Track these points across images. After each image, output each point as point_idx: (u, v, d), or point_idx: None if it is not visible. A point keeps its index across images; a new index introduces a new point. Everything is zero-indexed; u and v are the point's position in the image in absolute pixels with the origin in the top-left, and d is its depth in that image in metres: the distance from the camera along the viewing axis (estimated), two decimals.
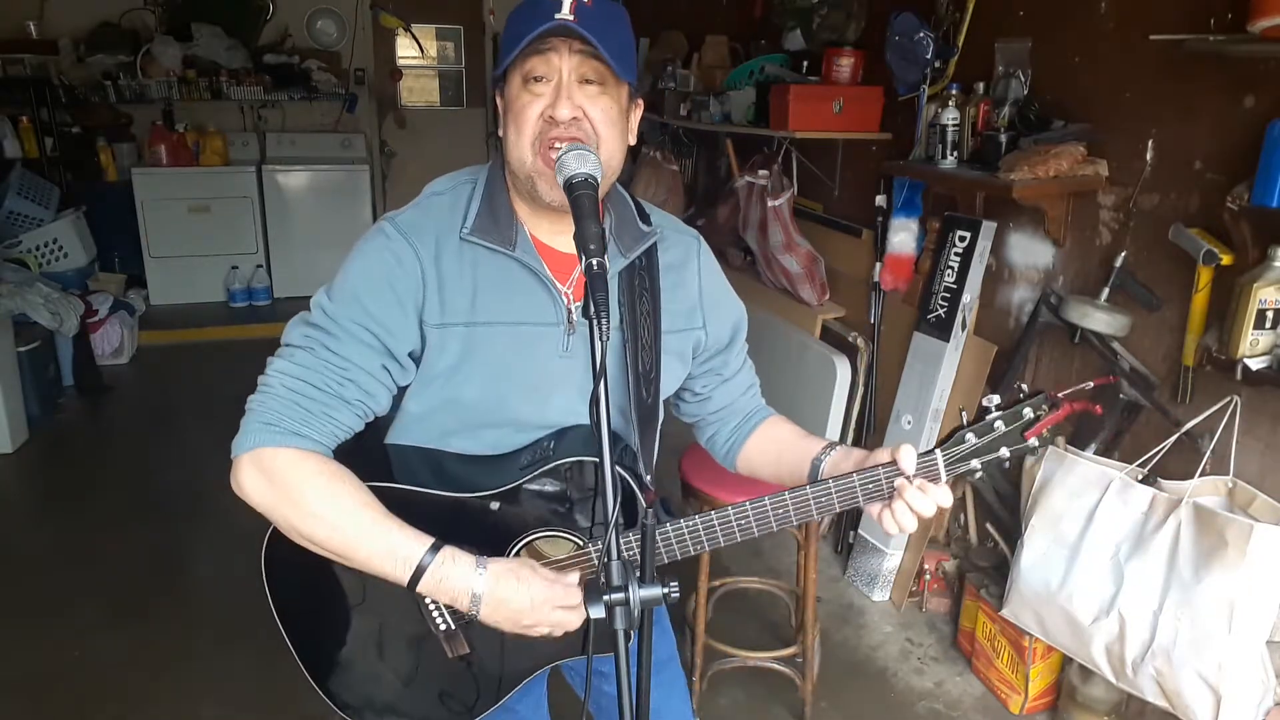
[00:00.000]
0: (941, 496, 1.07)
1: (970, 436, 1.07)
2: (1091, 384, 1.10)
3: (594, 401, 0.90)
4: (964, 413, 1.09)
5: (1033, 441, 1.07)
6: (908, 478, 1.06)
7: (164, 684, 2.41)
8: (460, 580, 1.02)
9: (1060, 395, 1.08)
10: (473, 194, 1.14)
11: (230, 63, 5.88)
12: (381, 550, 1.02)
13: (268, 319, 5.65)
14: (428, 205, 1.14)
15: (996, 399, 1.07)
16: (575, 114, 1.05)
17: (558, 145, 1.04)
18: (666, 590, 0.90)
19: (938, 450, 1.08)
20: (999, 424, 1.07)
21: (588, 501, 1.14)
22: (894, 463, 1.06)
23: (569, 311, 1.13)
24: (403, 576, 1.02)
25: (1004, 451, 1.08)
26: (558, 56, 1.05)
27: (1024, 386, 1.10)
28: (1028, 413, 1.07)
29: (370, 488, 1.07)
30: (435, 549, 1.02)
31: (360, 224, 6.05)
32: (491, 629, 1.10)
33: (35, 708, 2.33)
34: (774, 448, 1.30)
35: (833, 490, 1.08)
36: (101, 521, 3.27)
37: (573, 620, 1.06)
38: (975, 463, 1.08)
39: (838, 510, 1.09)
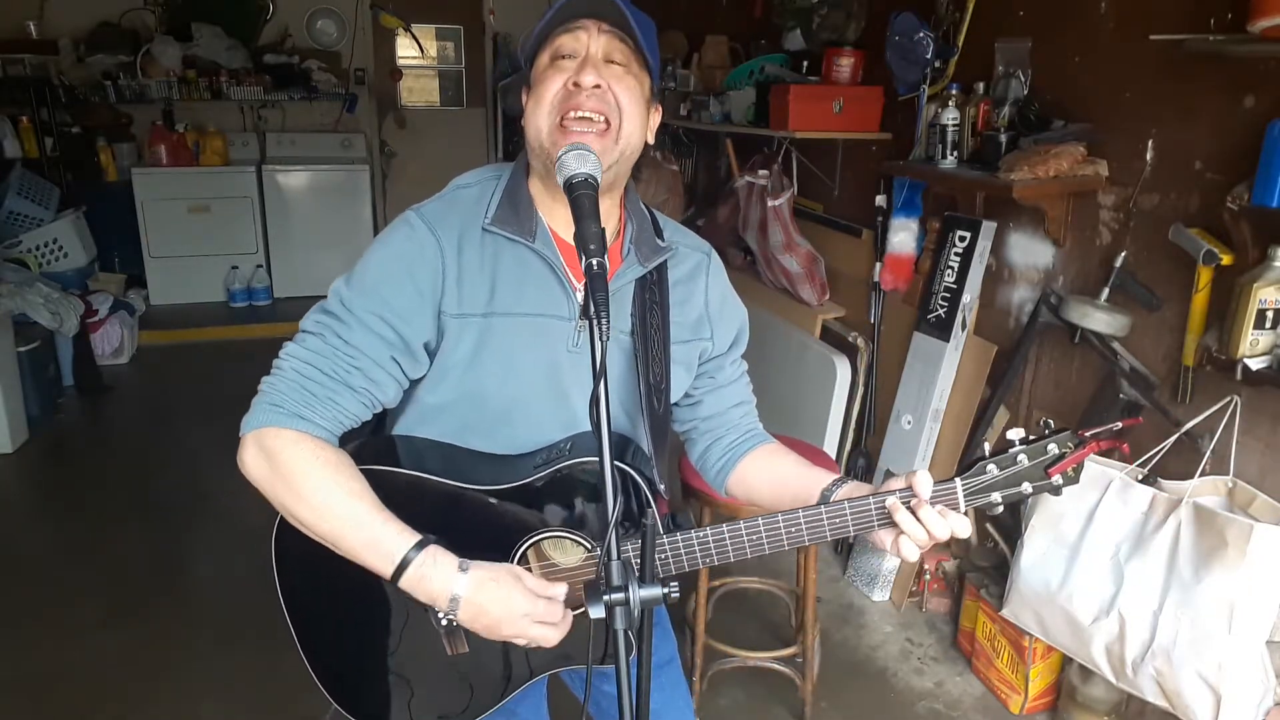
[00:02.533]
0: (959, 524, 1.03)
1: (992, 468, 1.04)
2: (1120, 424, 1.06)
3: (594, 401, 0.90)
4: (986, 444, 1.06)
5: (1057, 479, 1.04)
6: (924, 500, 1.03)
7: (164, 684, 2.41)
8: (440, 581, 1.01)
9: (1087, 434, 1.04)
10: (497, 187, 1.16)
11: (230, 63, 5.88)
12: (366, 541, 1.02)
13: (268, 319, 5.66)
14: (453, 197, 1.16)
15: (1021, 432, 1.04)
16: (599, 83, 1.06)
17: (579, 114, 1.06)
18: (666, 590, 0.89)
19: (957, 480, 1.05)
20: (1022, 458, 1.03)
21: (599, 505, 1.14)
22: (909, 488, 1.04)
23: (581, 309, 1.14)
24: (386, 570, 1.02)
25: (1026, 487, 1.04)
26: (586, 35, 1.07)
27: (1050, 422, 1.06)
28: (1052, 449, 1.03)
29: (380, 472, 1.08)
30: (420, 546, 1.02)
31: (360, 224, 6.07)
32: None
33: (35, 708, 2.33)
34: (775, 473, 1.27)
35: (847, 512, 1.05)
36: (101, 521, 3.27)
37: (551, 637, 1.04)
38: (996, 496, 1.05)
39: (851, 533, 1.06)
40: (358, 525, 1.02)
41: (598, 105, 1.06)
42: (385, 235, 1.13)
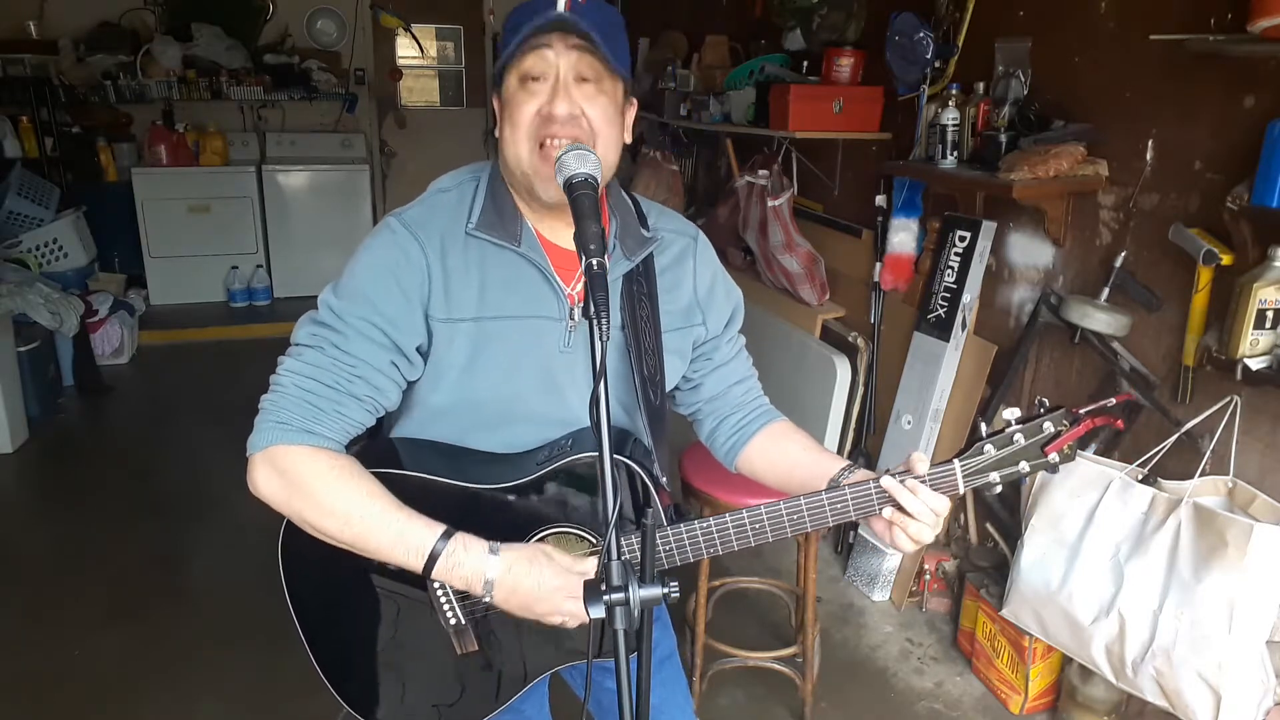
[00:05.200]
0: (935, 501, 1.04)
1: (989, 448, 1.05)
2: (1113, 400, 1.07)
3: (594, 401, 0.91)
4: (983, 424, 1.07)
5: (1053, 457, 1.05)
6: (919, 478, 1.04)
7: (164, 684, 2.41)
8: (473, 565, 1.03)
9: (1081, 411, 1.05)
10: (477, 190, 1.16)
11: (230, 63, 5.88)
12: (392, 539, 1.03)
13: (268, 319, 5.66)
14: (433, 202, 1.15)
15: (1016, 412, 1.05)
16: (573, 110, 1.06)
17: (555, 142, 1.05)
18: (666, 590, 0.90)
19: (955, 460, 1.05)
20: (1018, 437, 1.04)
21: (602, 499, 1.14)
22: (906, 470, 1.05)
23: (572, 308, 1.14)
24: (416, 564, 1.03)
25: (1024, 466, 1.05)
26: (553, 53, 1.06)
27: (1044, 401, 1.07)
28: (1048, 427, 1.04)
29: (387, 475, 1.09)
30: (447, 535, 1.03)
31: (360, 224, 6.07)
32: (500, 630, 1.10)
33: (35, 708, 2.33)
34: (785, 458, 1.27)
35: (849, 497, 1.06)
36: (101, 521, 3.27)
37: (585, 612, 1.06)
38: (994, 475, 1.05)
39: (853, 517, 1.07)
40: (382, 526, 1.03)
41: (572, 132, 1.06)
42: (368, 242, 1.13)
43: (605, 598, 0.86)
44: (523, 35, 1.03)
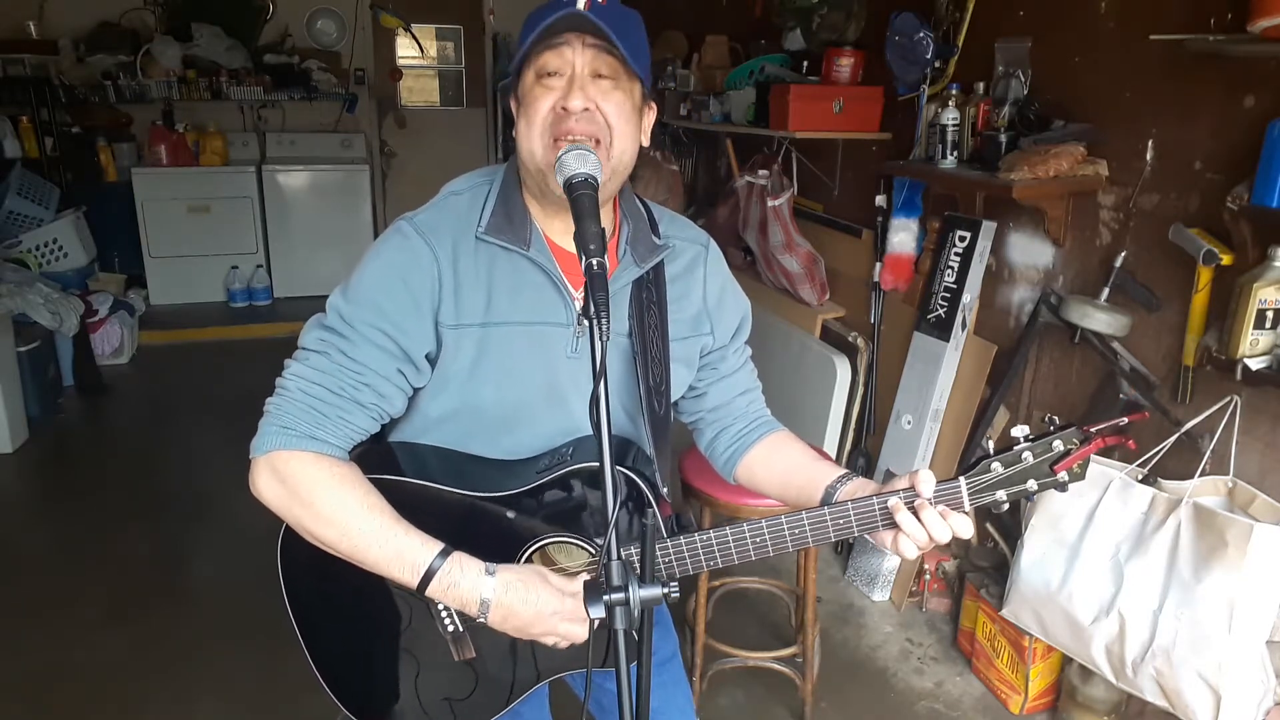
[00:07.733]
0: (960, 525, 1.02)
1: (996, 466, 1.03)
2: (1125, 419, 1.05)
3: (594, 401, 0.90)
4: (990, 441, 1.05)
5: (1062, 475, 1.03)
6: (927, 500, 1.02)
7: (164, 684, 2.41)
8: (469, 586, 1.02)
9: (1093, 430, 1.03)
10: (489, 194, 1.15)
11: (230, 63, 5.89)
12: (390, 554, 1.02)
13: (268, 319, 5.67)
14: (445, 205, 1.14)
15: (1025, 429, 1.03)
16: (588, 105, 1.05)
17: (570, 138, 1.04)
18: (666, 590, 0.89)
19: (961, 478, 1.04)
20: (1027, 455, 1.02)
21: (602, 509, 1.14)
22: (912, 488, 1.03)
23: (579, 315, 1.13)
24: (411, 581, 1.02)
25: (1032, 484, 1.03)
26: (571, 50, 1.05)
27: (1055, 418, 1.05)
28: (1058, 445, 1.02)
29: (386, 481, 1.08)
30: (444, 554, 1.02)
31: (360, 224, 6.07)
32: (499, 637, 1.09)
33: (35, 708, 2.33)
34: (782, 465, 1.26)
35: (851, 513, 1.04)
36: (102, 521, 3.27)
37: (580, 633, 1.05)
38: (1001, 494, 1.04)
39: (855, 535, 1.06)
40: (381, 540, 1.02)
41: (587, 128, 1.05)
42: (379, 246, 1.11)
43: (605, 597, 0.86)
44: (539, 31, 1.03)
